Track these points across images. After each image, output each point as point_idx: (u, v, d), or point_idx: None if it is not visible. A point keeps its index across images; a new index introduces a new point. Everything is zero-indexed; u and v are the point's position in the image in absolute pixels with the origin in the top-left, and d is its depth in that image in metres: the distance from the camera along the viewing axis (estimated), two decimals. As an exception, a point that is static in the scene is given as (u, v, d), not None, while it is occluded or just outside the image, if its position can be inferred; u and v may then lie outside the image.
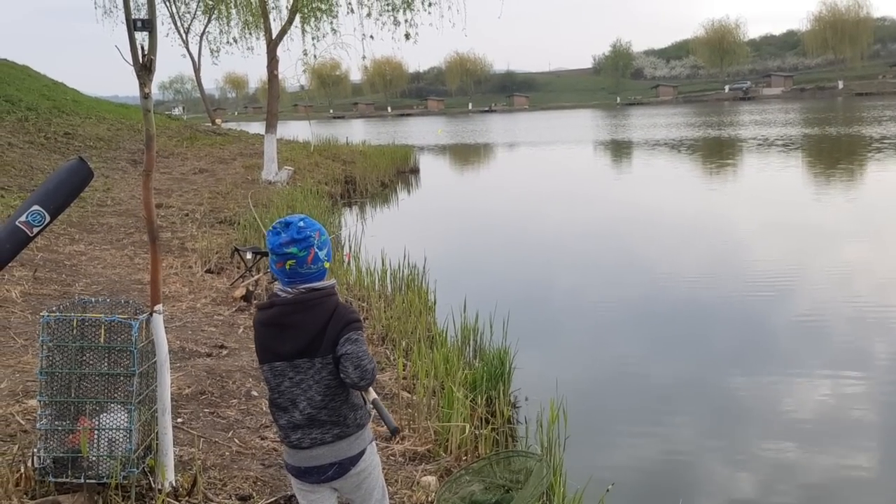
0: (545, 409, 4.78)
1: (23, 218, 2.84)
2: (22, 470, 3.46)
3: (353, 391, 2.63)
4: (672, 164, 26.53)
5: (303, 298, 2.57)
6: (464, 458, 4.55)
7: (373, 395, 2.77)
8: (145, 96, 3.35)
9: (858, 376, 6.56)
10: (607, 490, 4.24)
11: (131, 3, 3.34)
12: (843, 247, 11.64)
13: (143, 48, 3.31)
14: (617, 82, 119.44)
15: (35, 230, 2.86)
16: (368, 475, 2.71)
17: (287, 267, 2.56)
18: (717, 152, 29.72)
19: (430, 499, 3.98)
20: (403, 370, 5.92)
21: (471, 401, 5.17)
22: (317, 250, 2.57)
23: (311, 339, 2.55)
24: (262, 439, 4.60)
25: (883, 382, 6.44)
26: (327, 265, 2.63)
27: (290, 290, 2.59)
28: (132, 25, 3.25)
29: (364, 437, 2.69)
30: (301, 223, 2.58)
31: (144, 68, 3.30)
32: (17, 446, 3.76)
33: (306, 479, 2.66)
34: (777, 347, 7.42)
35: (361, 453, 2.67)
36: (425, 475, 4.29)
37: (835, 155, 26.19)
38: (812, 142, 30.92)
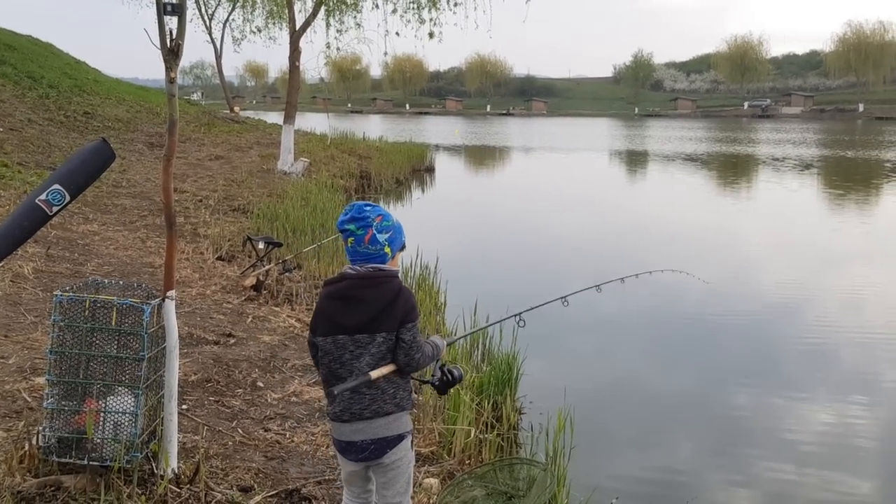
0: (552, 418, 4.74)
1: (43, 196, 2.82)
2: (26, 447, 3.45)
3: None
4: (691, 178, 26.40)
5: (370, 274, 2.71)
6: (467, 462, 4.52)
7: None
8: (171, 80, 3.33)
9: (864, 403, 6.51)
10: (612, 503, 4.20)
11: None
12: (859, 271, 11.54)
13: (171, 32, 3.29)
14: (636, 93, 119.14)
15: (55, 209, 2.85)
16: (400, 464, 2.78)
17: (349, 244, 2.73)
18: (739, 169, 29.57)
19: (431, 501, 3.94)
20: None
21: (477, 405, 5.13)
22: (375, 232, 2.70)
23: (374, 315, 2.67)
24: (266, 431, 4.58)
25: (890, 410, 6.38)
26: (388, 251, 2.74)
27: (358, 267, 2.73)
28: (162, 9, 3.23)
29: (403, 421, 2.77)
30: (366, 207, 2.74)
31: (172, 53, 3.28)
32: (22, 423, 3.75)
33: (347, 455, 2.77)
34: (784, 368, 7.36)
35: (399, 438, 2.74)
36: (428, 477, 4.26)
37: (856, 177, 26.01)
38: (841, 165, 30.73)
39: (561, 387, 5.72)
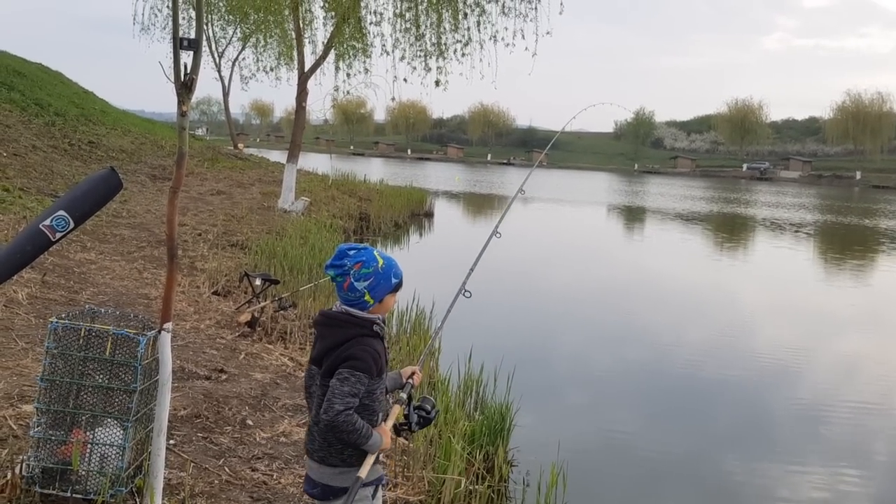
0: (544, 472, 4.67)
1: (47, 222, 2.82)
2: (9, 476, 3.38)
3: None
4: (687, 237, 26.52)
5: (335, 315, 2.72)
6: (456, 513, 4.43)
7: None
8: (182, 114, 3.35)
9: (854, 472, 6.46)
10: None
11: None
12: (853, 339, 11.52)
13: (185, 67, 3.32)
14: (636, 149, 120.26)
15: (58, 235, 2.84)
16: None
17: (335, 285, 2.72)
18: (738, 230, 29.74)
19: (418, 552, 3.86)
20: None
21: (468, 454, 5.05)
22: (352, 280, 2.66)
23: (322, 355, 2.67)
24: (253, 471, 4.50)
25: (880, 481, 6.32)
26: (369, 298, 2.68)
27: (337, 306, 2.74)
28: (178, 44, 3.26)
29: (350, 476, 2.61)
30: (350, 251, 2.70)
31: (185, 87, 3.30)
32: (6, 451, 3.68)
33: (304, 484, 2.78)
34: (774, 433, 7.31)
35: (344, 490, 2.60)
36: (415, 527, 4.18)
37: (852, 243, 26.16)
38: (848, 231, 31.00)
39: (554, 441, 5.64)
